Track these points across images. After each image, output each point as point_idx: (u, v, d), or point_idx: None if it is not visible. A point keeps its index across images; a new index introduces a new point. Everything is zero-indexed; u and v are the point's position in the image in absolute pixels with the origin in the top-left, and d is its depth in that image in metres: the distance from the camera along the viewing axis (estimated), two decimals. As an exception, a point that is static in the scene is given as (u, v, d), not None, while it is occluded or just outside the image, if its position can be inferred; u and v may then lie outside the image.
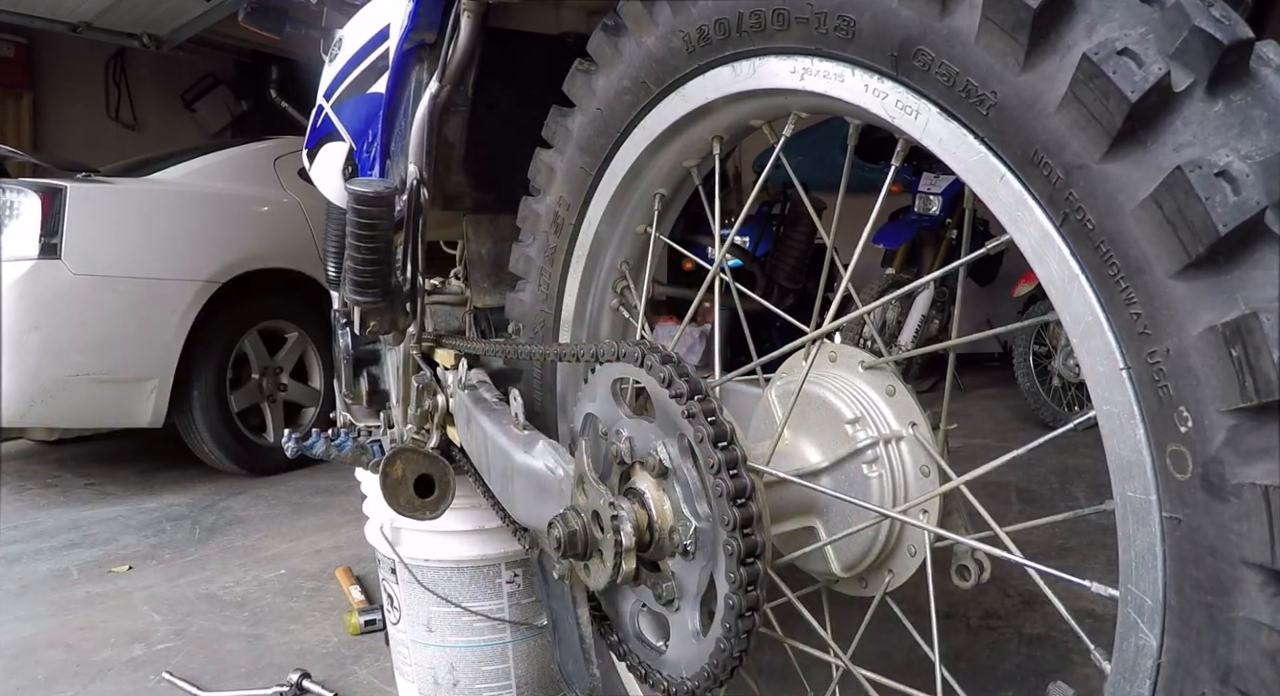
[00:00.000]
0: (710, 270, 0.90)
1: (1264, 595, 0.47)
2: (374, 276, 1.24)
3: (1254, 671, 0.47)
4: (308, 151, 1.79)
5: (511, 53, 1.47)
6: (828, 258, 0.89)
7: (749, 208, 1.13)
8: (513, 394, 1.05)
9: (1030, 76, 0.55)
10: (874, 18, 0.65)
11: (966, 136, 0.61)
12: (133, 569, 2.51)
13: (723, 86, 0.83)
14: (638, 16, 0.88)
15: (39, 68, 6.64)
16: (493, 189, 1.53)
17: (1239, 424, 0.47)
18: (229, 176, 3.89)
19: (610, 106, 0.96)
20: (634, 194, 1.01)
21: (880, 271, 4.51)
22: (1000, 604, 1.90)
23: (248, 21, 1.81)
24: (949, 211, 4.37)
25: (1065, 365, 4.11)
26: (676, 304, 4.22)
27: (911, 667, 1.49)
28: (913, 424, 0.79)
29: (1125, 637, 0.55)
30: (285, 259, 3.82)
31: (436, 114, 1.30)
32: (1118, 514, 0.55)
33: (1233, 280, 0.47)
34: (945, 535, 0.73)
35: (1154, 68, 0.50)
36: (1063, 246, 0.56)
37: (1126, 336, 0.52)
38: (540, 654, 1.46)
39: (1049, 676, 1.58)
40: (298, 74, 4.20)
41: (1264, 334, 0.45)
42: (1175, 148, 0.49)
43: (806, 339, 0.83)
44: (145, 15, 5.25)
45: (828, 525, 0.83)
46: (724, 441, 0.71)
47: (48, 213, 3.16)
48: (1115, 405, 0.54)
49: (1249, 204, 0.46)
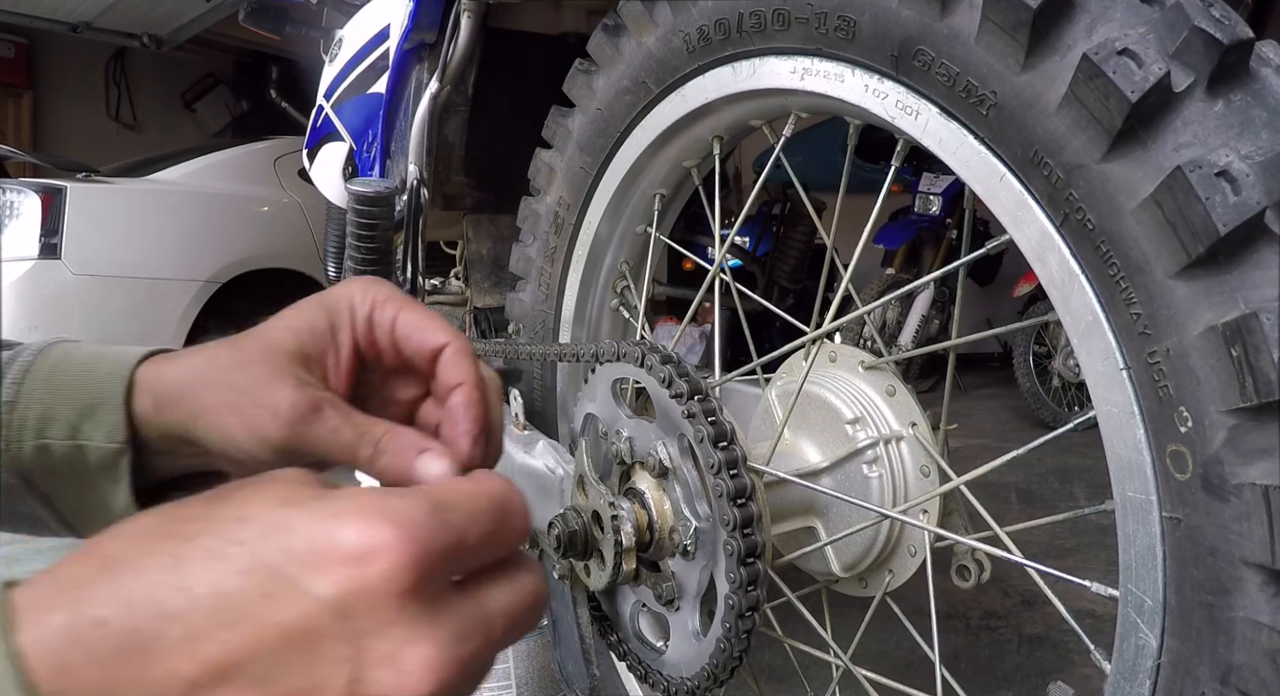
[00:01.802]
0: (710, 270, 0.90)
1: (1264, 595, 0.47)
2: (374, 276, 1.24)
3: (1254, 671, 0.47)
4: (308, 151, 1.79)
5: (511, 53, 1.47)
6: (828, 258, 0.89)
7: (749, 208, 1.13)
8: (513, 394, 1.05)
9: (1030, 76, 0.55)
10: (874, 18, 0.65)
11: (966, 136, 0.61)
12: (133, 569, 2.51)
13: (723, 86, 0.83)
14: (638, 17, 0.88)
15: (39, 68, 6.64)
16: (493, 189, 1.53)
17: (1239, 424, 0.47)
18: (229, 176, 3.89)
19: (610, 106, 0.96)
20: (634, 194, 1.01)
21: (880, 271, 4.52)
22: (1000, 604, 1.90)
23: (248, 21, 1.82)
24: (949, 211, 4.37)
25: (1065, 365, 4.12)
26: (676, 304, 4.22)
27: (911, 667, 1.49)
28: (913, 424, 0.79)
29: (1125, 637, 0.55)
30: (285, 259, 3.82)
31: (436, 114, 1.30)
32: (1118, 514, 0.55)
33: (1233, 280, 0.47)
34: (945, 535, 0.73)
35: (1154, 68, 0.50)
36: (1063, 246, 0.55)
37: (1126, 336, 0.52)
38: (540, 654, 1.46)
39: (1049, 676, 1.58)
40: (298, 74, 4.20)
41: (1264, 334, 0.45)
42: (1175, 148, 0.49)
43: (806, 339, 0.83)
44: (145, 15, 5.25)
45: (828, 525, 0.83)
46: (724, 441, 0.71)
47: (48, 213, 3.16)
48: (1115, 405, 0.54)
49: (1249, 204, 0.46)
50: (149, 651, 0.27)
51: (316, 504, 0.30)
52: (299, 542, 0.29)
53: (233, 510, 0.30)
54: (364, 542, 0.29)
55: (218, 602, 0.28)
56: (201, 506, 0.31)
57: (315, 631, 0.28)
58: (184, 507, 0.32)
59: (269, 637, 0.28)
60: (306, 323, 0.47)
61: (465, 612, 0.31)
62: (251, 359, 0.45)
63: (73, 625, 0.27)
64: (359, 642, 0.28)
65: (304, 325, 0.47)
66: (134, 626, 0.27)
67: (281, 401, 0.43)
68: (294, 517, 0.30)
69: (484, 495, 0.34)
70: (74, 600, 0.28)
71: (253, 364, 0.45)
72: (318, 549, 0.29)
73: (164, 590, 0.28)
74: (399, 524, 0.29)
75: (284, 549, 0.29)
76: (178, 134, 6.90)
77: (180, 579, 0.28)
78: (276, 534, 0.29)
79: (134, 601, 0.28)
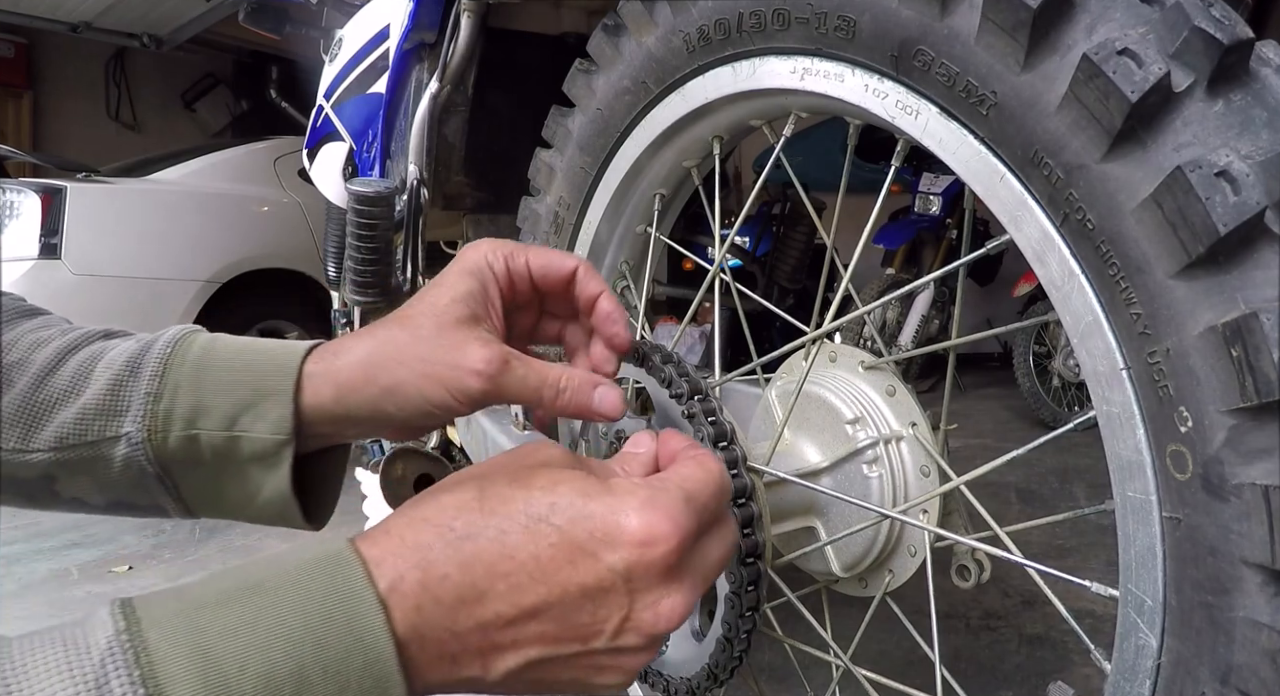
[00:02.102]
0: (710, 270, 0.90)
1: (1264, 595, 0.47)
2: (374, 276, 1.24)
3: (1254, 671, 0.47)
4: (308, 151, 1.79)
5: (511, 53, 1.47)
6: (828, 258, 0.89)
7: (749, 208, 1.13)
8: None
9: (1030, 76, 0.55)
10: (874, 18, 0.65)
11: (966, 136, 0.61)
12: (133, 569, 2.51)
13: (723, 86, 0.83)
14: (638, 16, 0.88)
15: (39, 68, 6.65)
16: (493, 189, 1.53)
17: (1239, 424, 0.47)
18: (229, 176, 3.89)
19: (610, 106, 0.96)
20: (634, 194, 1.01)
21: (880, 271, 4.52)
22: (1000, 604, 1.90)
23: (248, 21, 1.82)
24: (949, 211, 4.38)
25: (1065, 365, 4.12)
26: (676, 304, 4.22)
27: (911, 667, 1.49)
28: (913, 424, 0.79)
29: (1125, 637, 0.55)
30: (285, 259, 3.82)
31: (436, 114, 1.30)
32: (1118, 514, 0.55)
33: (1233, 280, 0.47)
34: (945, 535, 0.73)
35: (1154, 68, 0.50)
36: (1063, 246, 0.55)
37: (1126, 336, 0.52)
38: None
39: (1049, 676, 1.58)
40: (298, 74, 4.20)
41: (1264, 334, 0.45)
42: (1175, 148, 0.49)
43: (806, 339, 0.83)
44: (145, 15, 5.25)
45: (828, 525, 0.83)
46: (724, 441, 0.71)
47: (48, 213, 3.16)
48: (1115, 405, 0.54)
49: (1249, 204, 0.46)
50: (482, 599, 0.39)
51: (607, 497, 0.41)
52: (598, 528, 0.40)
53: (543, 496, 0.41)
54: (648, 531, 0.40)
55: (535, 566, 0.39)
56: (507, 488, 0.42)
57: (604, 589, 0.40)
58: (493, 486, 0.42)
59: (571, 591, 0.40)
60: (463, 289, 0.54)
61: (698, 567, 0.43)
62: (430, 332, 0.52)
63: (424, 579, 0.38)
64: (633, 595, 0.40)
65: (463, 292, 0.54)
66: (471, 581, 0.38)
67: (478, 361, 0.51)
68: (593, 507, 0.41)
69: (714, 482, 0.45)
70: (422, 561, 0.38)
71: (435, 336, 0.52)
72: (613, 533, 0.40)
73: (493, 555, 0.39)
74: (671, 518, 0.41)
75: (587, 531, 0.40)
76: (178, 134, 6.91)
77: (506, 548, 0.39)
78: (582, 520, 0.40)
79: (471, 563, 0.39)
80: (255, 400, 0.54)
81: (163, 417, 0.54)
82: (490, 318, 0.55)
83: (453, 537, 0.39)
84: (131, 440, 0.54)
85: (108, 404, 0.54)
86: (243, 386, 0.54)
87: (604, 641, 0.41)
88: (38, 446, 0.54)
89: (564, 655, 0.41)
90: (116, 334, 0.61)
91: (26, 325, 0.60)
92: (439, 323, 0.52)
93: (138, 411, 0.54)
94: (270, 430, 0.54)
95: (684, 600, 0.42)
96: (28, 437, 0.54)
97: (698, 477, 0.45)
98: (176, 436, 0.54)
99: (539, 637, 0.40)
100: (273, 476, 0.55)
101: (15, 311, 0.62)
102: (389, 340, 0.53)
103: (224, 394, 0.54)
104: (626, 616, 0.41)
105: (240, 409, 0.54)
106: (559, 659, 0.41)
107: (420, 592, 0.38)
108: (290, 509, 0.56)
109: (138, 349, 0.56)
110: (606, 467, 0.47)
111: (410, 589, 0.38)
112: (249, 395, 0.54)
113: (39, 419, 0.54)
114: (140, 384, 0.54)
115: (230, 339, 0.58)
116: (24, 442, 0.54)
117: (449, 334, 0.52)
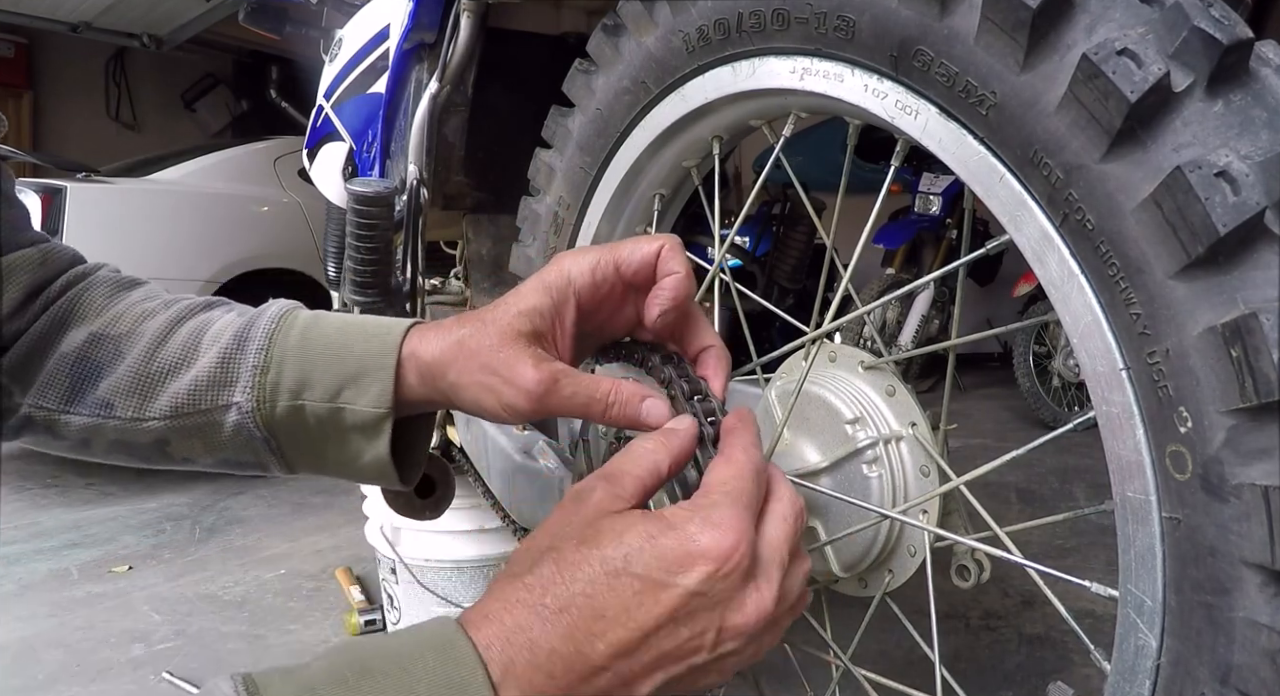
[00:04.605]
0: (710, 270, 0.90)
1: (1264, 595, 0.47)
2: (374, 276, 1.24)
3: (1254, 671, 0.47)
4: (308, 151, 1.79)
5: (511, 53, 1.47)
6: (828, 258, 0.89)
7: (749, 208, 1.13)
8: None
9: (1030, 76, 0.55)
10: (874, 18, 0.65)
11: (966, 136, 0.61)
12: (133, 569, 2.51)
13: (722, 86, 0.83)
14: (638, 17, 0.88)
15: (39, 68, 6.65)
16: (493, 189, 1.53)
17: (1239, 424, 0.47)
18: (229, 176, 3.89)
19: (610, 106, 0.96)
20: (634, 194, 1.01)
21: (880, 271, 4.52)
22: (1000, 604, 1.90)
23: (248, 21, 1.82)
24: (949, 211, 4.38)
25: (1065, 365, 4.12)
26: (676, 304, 4.21)
27: (911, 667, 1.49)
28: (913, 424, 0.79)
29: (1125, 637, 0.55)
30: (285, 259, 3.82)
31: (436, 114, 1.30)
32: (1117, 514, 0.55)
33: (1232, 280, 0.47)
34: (945, 535, 0.73)
35: (1153, 68, 0.50)
36: (1062, 246, 0.55)
37: (1126, 336, 0.52)
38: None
39: (1049, 676, 1.58)
40: (298, 74, 4.20)
41: (1264, 334, 0.45)
42: (1175, 148, 0.49)
43: (806, 339, 0.83)
44: (145, 15, 5.25)
45: (827, 525, 0.83)
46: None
47: (48, 212, 3.16)
48: (1115, 405, 0.54)
49: (1249, 204, 0.46)
50: (588, 663, 0.42)
51: (671, 532, 0.44)
52: (674, 563, 0.43)
53: (615, 550, 0.43)
54: (718, 549, 0.43)
55: (627, 617, 0.42)
56: (579, 551, 0.44)
57: (690, 611, 0.43)
58: (565, 554, 0.44)
59: (664, 624, 0.42)
60: (533, 303, 0.56)
61: (770, 554, 0.46)
62: (494, 343, 0.55)
63: (533, 659, 0.41)
64: (720, 606, 0.43)
65: (534, 308, 0.56)
66: (575, 650, 0.41)
67: (527, 381, 0.53)
68: (662, 545, 0.43)
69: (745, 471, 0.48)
70: (528, 642, 0.41)
71: (496, 348, 0.55)
72: (685, 562, 0.43)
73: (588, 620, 0.42)
74: (729, 527, 0.44)
75: (664, 569, 0.43)
76: (178, 134, 6.91)
77: (597, 609, 0.42)
78: (656, 561, 0.43)
79: (572, 634, 0.42)
80: (358, 375, 0.58)
81: (270, 388, 0.58)
82: (554, 334, 0.56)
83: (548, 614, 0.42)
84: (241, 409, 0.58)
85: (218, 375, 0.58)
86: (345, 362, 0.58)
87: (705, 655, 0.44)
88: (153, 415, 0.59)
89: (673, 677, 0.44)
90: (217, 304, 0.65)
91: (132, 297, 0.65)
92: (503, 334, 0.55)
93: (246, 382, 0.58)
94: (371, 404, 0.57)
95: (769, 591, 0.45)
96: (143, 407, 0.59)
97: (731, 474, 0.48)
98: (283, 405, 0.58)
99: (645, 673, 0.43)
100: (373, 445, 0.59)
101: (116, 284, 0.66)
102: (463, 341, 0.56)
103: (327, 369, 0.58)
104: (720, 627, 0.44)
105: (343, 382, 0.58)
106: (668, 682, 0.44)
107: (533, 673, 0.41)
108: (388, 471, 0.60)
109: (242, 323, 0.60)
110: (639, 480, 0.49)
111: (523, 671, 0.41)
112: (352, 370, 0.58)
113: (153, 389, 0.59)
114: (247, 357, 0.59)
115: (332, 316, 0.61)
116: (140, 411, 0.59)
117: (509, 347, 0.54)
